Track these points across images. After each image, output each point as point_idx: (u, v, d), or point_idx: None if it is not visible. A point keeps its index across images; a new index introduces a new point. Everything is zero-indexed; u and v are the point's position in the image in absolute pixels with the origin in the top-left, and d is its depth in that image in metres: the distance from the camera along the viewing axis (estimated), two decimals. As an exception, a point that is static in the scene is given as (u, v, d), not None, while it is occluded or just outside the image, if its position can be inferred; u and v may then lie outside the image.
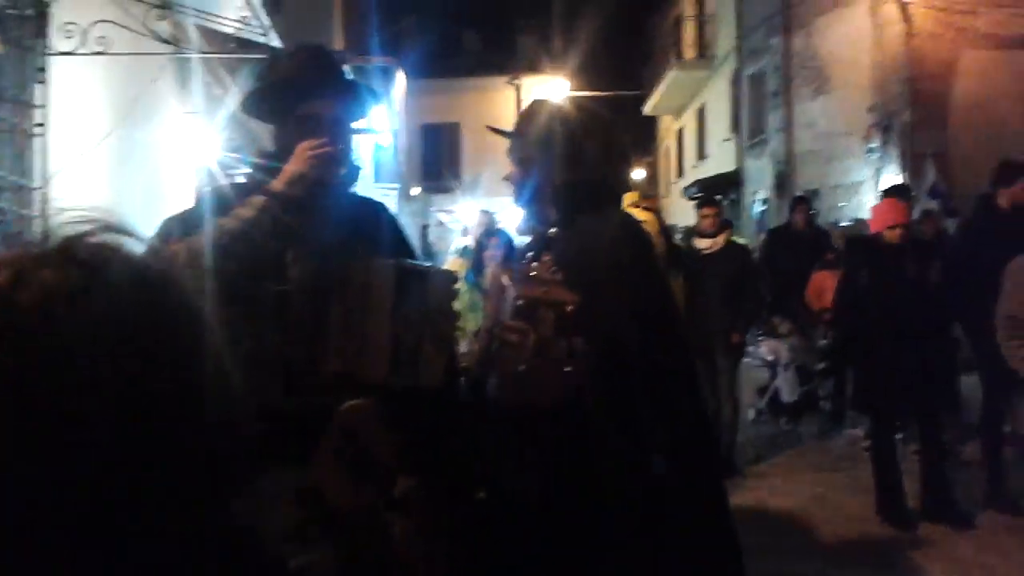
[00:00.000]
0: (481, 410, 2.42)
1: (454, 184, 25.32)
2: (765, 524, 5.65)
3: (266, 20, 5.80)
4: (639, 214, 4.15)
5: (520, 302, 2.19)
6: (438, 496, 2.04)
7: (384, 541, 1.82)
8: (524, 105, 2.79)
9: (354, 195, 2.47)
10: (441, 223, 22.58)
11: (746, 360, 7.71)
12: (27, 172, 5.54)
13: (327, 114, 2.28)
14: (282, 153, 2.32)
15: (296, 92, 2.28)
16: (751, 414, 8.18)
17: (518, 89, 26.23)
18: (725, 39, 21.53)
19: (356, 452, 1.89)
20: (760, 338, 8.45)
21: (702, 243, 6.84)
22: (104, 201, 2.70)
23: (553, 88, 24.88)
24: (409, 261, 2.25)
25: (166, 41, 5.77)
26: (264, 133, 2.40)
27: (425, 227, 21.70)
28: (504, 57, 27.47)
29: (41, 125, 5.61)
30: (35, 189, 5.47)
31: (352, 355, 2.12)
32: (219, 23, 5.63)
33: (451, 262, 7.48)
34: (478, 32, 28.86)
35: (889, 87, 14.57)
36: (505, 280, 2.31)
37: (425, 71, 25.07)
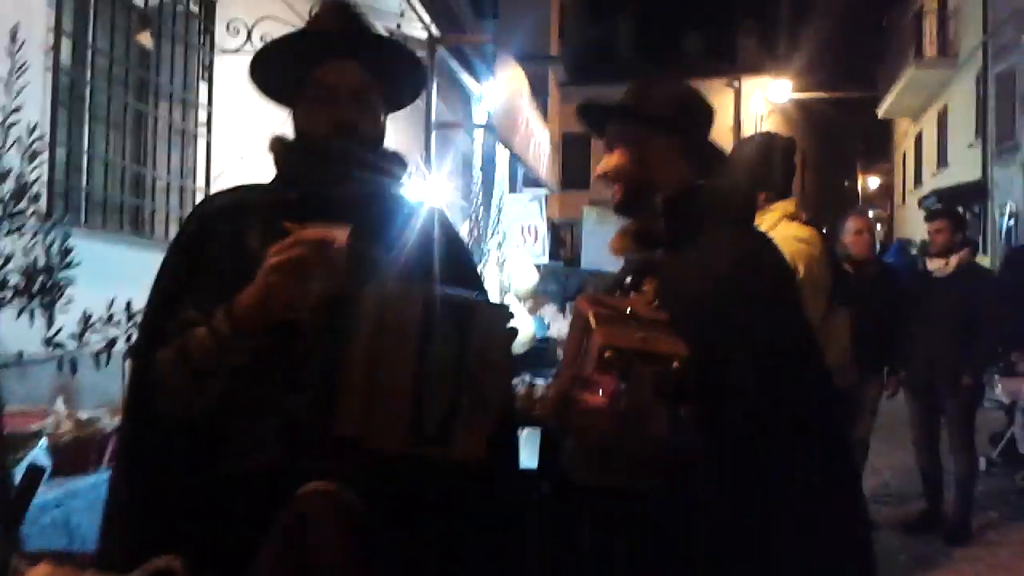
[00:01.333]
0: (551, 479, 1.87)
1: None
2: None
3: (426, 16, 5.38)
4: (798, 230, 3.32)
5: (608, 354, 1.57)
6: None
7: None
8: (745, 108, 2.10)
9: (398, 198, 1.92)
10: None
11: (978, 402, 6.57)
12: (190, 172, 5.41)
13: (345, 82, 1.74)
14: (296, 146, 1.79)
15: (308, 52, 1.75)
16: (981, 464, 6.98)
17: (737, 92, 25.10)
18: (970, 35, 19.57)
19: (299, 559, 1.38)
20: (996, 376, 7.23)
21: (933, 264, 5.84)
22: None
23: (775, 89, 23.60)
24: (447, 289, 1.66)
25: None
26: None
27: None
28: (724, 59, 26.34)
29: (206, 125, 5.48)
30: (199, 190, 5.33)
31: (362, 413, 1.57)
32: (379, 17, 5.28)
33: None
34: (698, 33, 27.83)
35: None
36: (591, 316, 1.68)
37: (641, 73, 24.32)
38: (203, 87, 5.45)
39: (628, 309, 1.74)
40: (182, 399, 1.62)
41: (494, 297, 3.87)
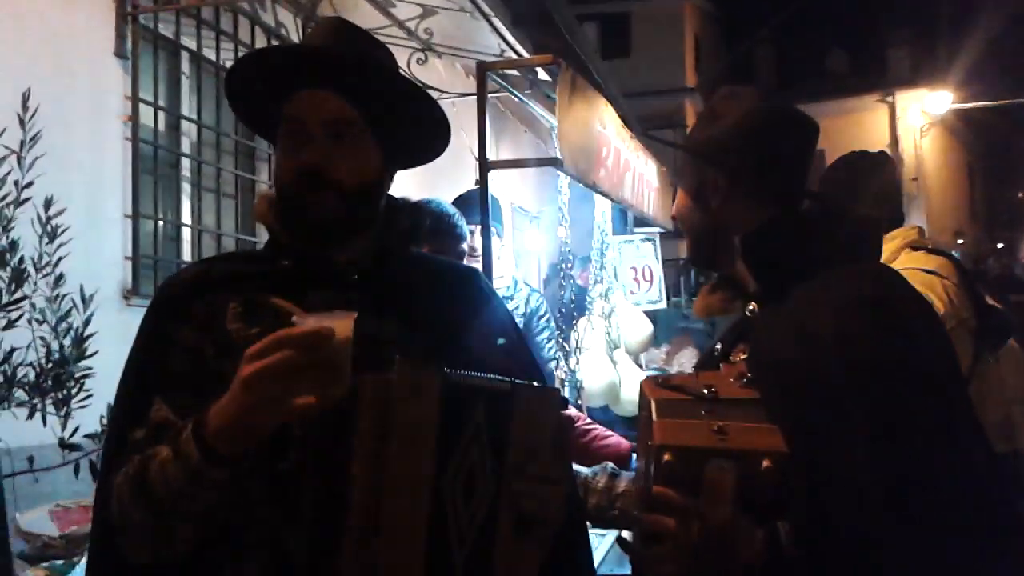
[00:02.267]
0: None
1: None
2: None
3: (525, 52, 5.07)
4: (925, 259, 2.72)
5: (667, 457, 1.19)
6: None
7: None
8: (902, 124, 1.63)
9: (420, 259, 1.57)
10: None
11: None
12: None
13: (317, 116, 1.36)
14: (275, 201, 1.44)
15: (277, 79, 1.39)
16: None
17: (891, 107, 23.78)
18: None
19: None
20: None
21: None
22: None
23: (933, 102, 22.22)
24: (474, 373, 1.25)
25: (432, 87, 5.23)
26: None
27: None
28: (874, 74, 25.02)
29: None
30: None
31: (367, 550, 1.18)
32: (474, 59, 4.99)
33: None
34: (844, 50, 26.62)
35: None
36: (652, 406, 1.28)
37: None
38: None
39: (707, 389, 1.30)
40: (145, 543, 1.25)
41: (597, 359, 3.42)
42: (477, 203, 3.24)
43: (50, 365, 2.09)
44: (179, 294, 1.42)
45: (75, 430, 2.23)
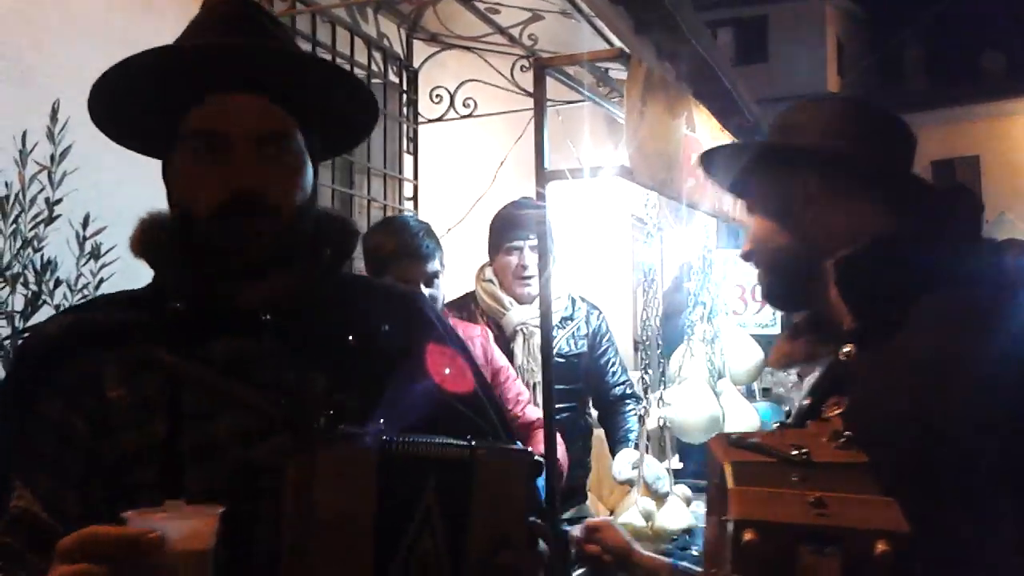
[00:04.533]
0: None
1: (974, 227, 22.31)
2: None
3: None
4: None
5: (749, 535, 0.92)
6: None
7: None
8: None
9: (353, 286, 1.33)
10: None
11: None
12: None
13: (243, 127, 1.13)
14: (173, 230, 1.19)
15: (177, 81, 1.14)
16: None
17: (1055, 110, 22.17)
18: None
19: None
20: None
21: None
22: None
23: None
24: (424, 437, 1.03)
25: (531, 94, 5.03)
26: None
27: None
28: (1035, 75, 23.41)
29: (412, 199, 5.20)
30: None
31: None
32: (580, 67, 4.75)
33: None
34: (1001, 50, 25.04)
35: None
36: (727, 471, 1.02)
37: (934, 100, 22.32)
38: (408, 160, 5.18)
39: (797, 451, 1.04)
40: None
41: (697, 391, 3.06)
42: (529, 219, 2.96)
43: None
44: (42, 353, 1.17)
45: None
